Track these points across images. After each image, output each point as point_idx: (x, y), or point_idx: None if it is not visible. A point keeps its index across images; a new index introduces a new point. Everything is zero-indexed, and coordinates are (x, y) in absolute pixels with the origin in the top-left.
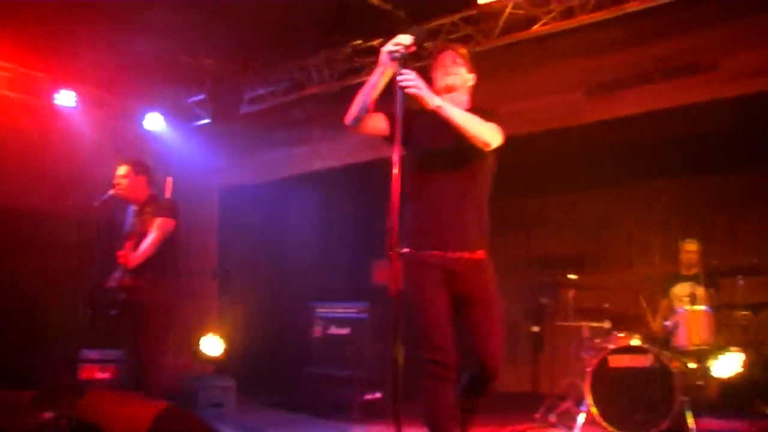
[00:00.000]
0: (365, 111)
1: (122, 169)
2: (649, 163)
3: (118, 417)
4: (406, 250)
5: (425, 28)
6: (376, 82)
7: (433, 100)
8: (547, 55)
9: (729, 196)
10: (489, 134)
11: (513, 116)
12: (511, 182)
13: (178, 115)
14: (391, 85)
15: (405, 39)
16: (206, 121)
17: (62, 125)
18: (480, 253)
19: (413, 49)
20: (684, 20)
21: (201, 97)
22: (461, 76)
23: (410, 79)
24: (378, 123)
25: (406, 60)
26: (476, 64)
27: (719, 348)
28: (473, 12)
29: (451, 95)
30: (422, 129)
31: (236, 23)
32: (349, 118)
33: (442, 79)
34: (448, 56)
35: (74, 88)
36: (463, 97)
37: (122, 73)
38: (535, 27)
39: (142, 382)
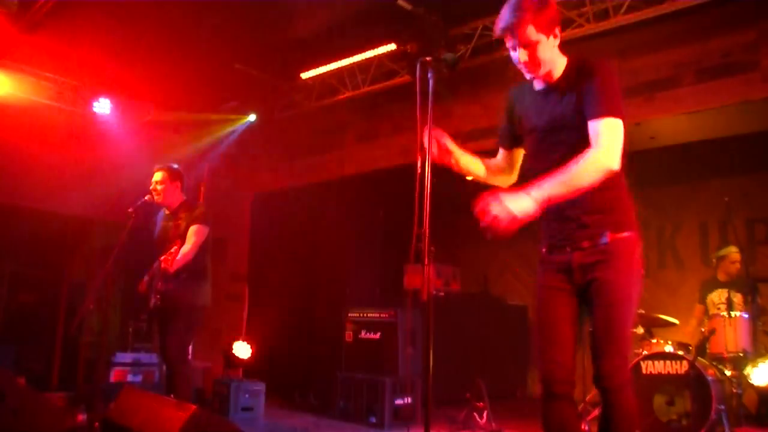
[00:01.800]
0: (492, 173)
1: (158, 175)
2: (685, 164)
3: (148, 420)
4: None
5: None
6: (469, 172)
7: (528, 206)
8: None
9: (767, 199)
10: (602, 164)
11: None
12: None
13: (214, 121)
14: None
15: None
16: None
17: (98, 132)
18: (605, 238)
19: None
20: (721, 19)
21: (235, 103)
22: (531, 58)
23: (490, 219)
24: (508, 158)
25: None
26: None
27: (757, 356)
28: None
29: (547, 75)
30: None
31: (269, 30)
32: (502, 185)
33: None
34: (512, 49)
35: (109, 96)
36: (557, 67)
37: (156, 81)
38: (569, 29)
39: (172, 383)
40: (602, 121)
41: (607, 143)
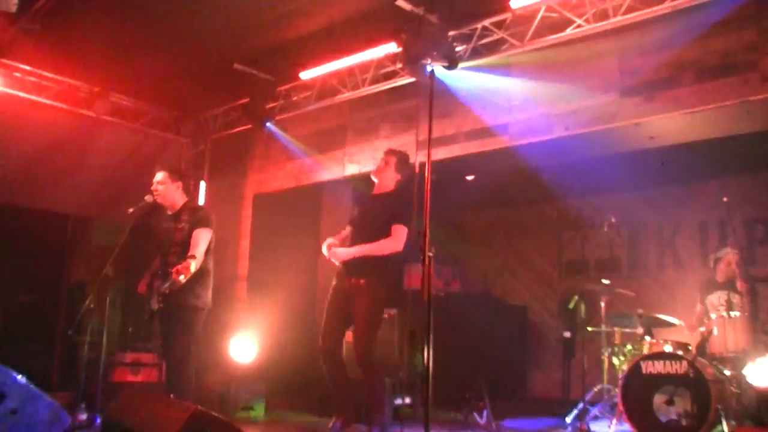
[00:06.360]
0: None
1: (159, 176)
2: (685, 164)
3: (148, 420)
4: None
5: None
6: None
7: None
8: (580, 57)
9: (766, 199)
10: None
11: (547, 120)
12: (544, 186)
13: (214, 121)
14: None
15: None
16: (241, 127)
17: (98, 132)
18: None
19: None
20: (721, 19)
21: (236, 103)
22: None
23: None
24: None
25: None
26: None
27: (757, 356)
28: (506, 16)
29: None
30: None
31: (269, 30)
32: None
33: None
34: None
35: (110, 96)
36: None
37: (156, 80)
38: (569, 30)
39: (175, 384)
40: None
41: None
